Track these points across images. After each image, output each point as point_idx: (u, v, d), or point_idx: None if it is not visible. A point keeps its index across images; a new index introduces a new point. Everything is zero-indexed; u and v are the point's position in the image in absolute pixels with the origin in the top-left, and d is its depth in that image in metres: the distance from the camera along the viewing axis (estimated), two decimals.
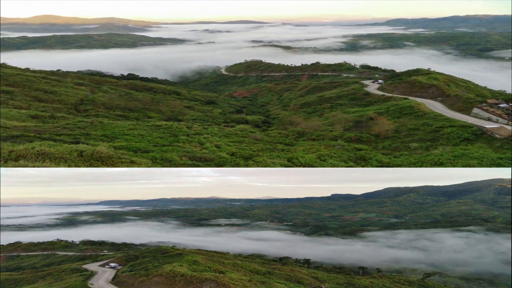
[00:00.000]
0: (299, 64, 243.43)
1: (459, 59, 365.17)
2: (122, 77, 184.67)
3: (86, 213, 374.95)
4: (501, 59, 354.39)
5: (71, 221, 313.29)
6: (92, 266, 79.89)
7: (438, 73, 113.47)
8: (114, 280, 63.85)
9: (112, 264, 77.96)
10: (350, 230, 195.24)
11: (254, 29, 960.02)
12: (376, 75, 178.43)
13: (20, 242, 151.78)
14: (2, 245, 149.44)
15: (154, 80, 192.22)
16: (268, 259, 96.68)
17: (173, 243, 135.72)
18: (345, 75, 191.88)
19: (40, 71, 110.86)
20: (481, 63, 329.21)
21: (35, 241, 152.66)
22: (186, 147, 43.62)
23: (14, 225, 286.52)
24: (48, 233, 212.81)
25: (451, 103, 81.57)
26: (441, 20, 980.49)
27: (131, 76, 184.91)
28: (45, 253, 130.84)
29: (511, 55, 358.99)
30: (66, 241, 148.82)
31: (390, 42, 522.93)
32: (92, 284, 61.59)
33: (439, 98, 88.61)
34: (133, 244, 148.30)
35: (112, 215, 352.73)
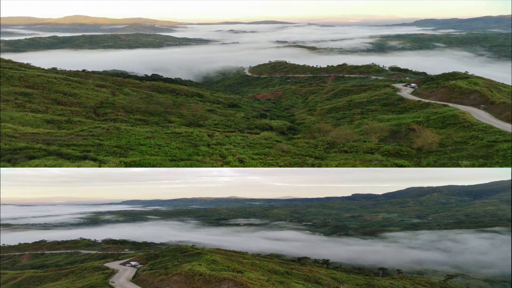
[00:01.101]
0: (325, 66, 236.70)
1: (492, 61, 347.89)
2: (145, 77, 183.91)
3: (109, 212, 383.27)
4: None
5: (94, 220, 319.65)
6: (113, 265, 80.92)
7: (477, 77, 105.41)
8: (134, 279, 64.60)
9: (133, 263, 78.85)
10: (370, 231, 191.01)
11: (279, 29, 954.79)
12: (407, 78, 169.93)
13: (45, 241, 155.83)
14: (27, 243, 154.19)
15: (177, 80, 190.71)
16: (287, 259, 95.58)
17: (192, 243, 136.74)
18: (373, 77, 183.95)
19: (63, 72, 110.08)
20: None
21: (59, 239, 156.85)
22: (206, 161, 39.80)
23: (40, 224, 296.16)
24: (72, 232, 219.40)
25: (498, 112, 74.05)
26: (472, 20, 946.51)
27: (154, 77, 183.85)
28: (68, 251, 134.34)
29: None
30: (89, 240, 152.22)
31: (419, 43, 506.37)
32: (113, 282, 62.15)
33: (482, 106, 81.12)
34: (154, 243, 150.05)
35: (134, 214, 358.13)
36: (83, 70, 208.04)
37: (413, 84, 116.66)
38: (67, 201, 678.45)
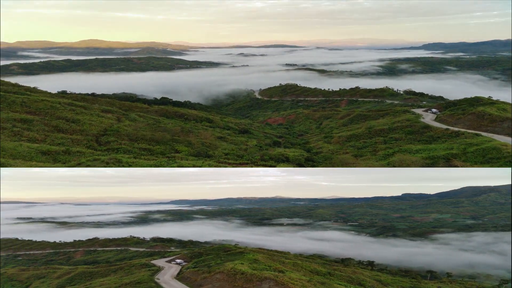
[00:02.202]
0: (337, 89, 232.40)
1: (508, 84, 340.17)
2: (154, 101, 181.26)
3: (158, 211, 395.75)
4: None
5: (144, 219, 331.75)
6: (159, 262, 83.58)
7: (504, 102, 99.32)
8: (178, 276, 66.44)
9: (178, 260, 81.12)
10: (420, 232, 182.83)
11: (288, 52, 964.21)
12: (424, 102, 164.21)
13: (98, 238, 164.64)
14: (82, 240, 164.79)
15: (186, 104, 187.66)
16: (330, 259, 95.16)
17: (235, 242, 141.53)
18: (388, 101, 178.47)
19: (70, 96, 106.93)
20: None
21: (111, 237, 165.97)
22: None
23: (93, 222, 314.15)
24: (122, 230, 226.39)
25: None
26: (481, 44, 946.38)
27: (164, 100, 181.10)
28: (118, 248, 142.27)
29: None
30: (138, 238, 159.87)
31: (429, 66, 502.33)
32: (158, 279, 64.11)
33: None
34: (199, 241, 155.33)
35: (181, 214, 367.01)
36: (92, 93, 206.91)
37: (434, 110, 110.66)
38: (120, 201, 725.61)
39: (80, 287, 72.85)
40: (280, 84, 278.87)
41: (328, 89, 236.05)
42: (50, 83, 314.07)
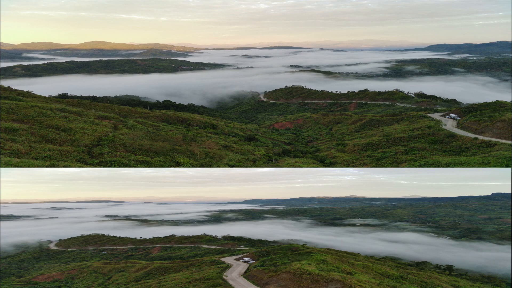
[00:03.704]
0: (344, 91, 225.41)
1: None
2: (157, 104, 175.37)
3: (231, 211, 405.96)
4: None
5: (217, 218, 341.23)
6: (229, 259, 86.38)
7: None
8: (245, 274, 67.37)
9: (246, 259, 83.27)
10: (509, 235, 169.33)
11: (292, 54, 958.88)
12: (438, 106, 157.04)
13: (174, 235, 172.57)
14: (159, 237, 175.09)
15: (189, 107, 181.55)
16: (403, 262, 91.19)
17: (304, 242, 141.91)
18: (399, 104, 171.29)
19: (64, 101, 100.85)
20: None
21: (186, 234, 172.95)
22: None
23: (171, 220, 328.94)
24: (197, 228, 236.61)
25: None
26: (487, 45, 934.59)
27: (166, 103, 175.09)
28: (192, 245, 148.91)
29: None
30: (211, 236, 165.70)
31: (436, 67, 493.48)
32: (226, 276, 65.79)
33: None
34: (267, 240, 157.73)
35: (253, 213, 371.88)
36: (93, 96, 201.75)
37: (453, 115, 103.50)
38: (197, 200, 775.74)
39: (154, 281, 75.47)
40: (286, 86, 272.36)
41: (336, 91, 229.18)
42: (51, 85, 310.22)
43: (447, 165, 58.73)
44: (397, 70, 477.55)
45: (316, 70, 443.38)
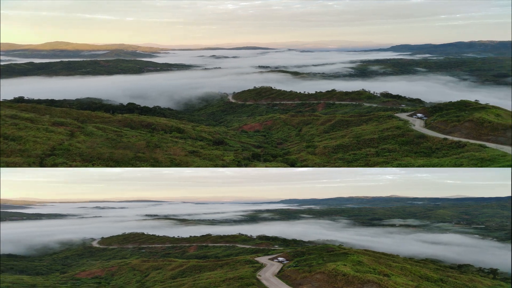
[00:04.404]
0: (312, 91, 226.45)
1: (478, 85, 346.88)
2: (120, 107, 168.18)
3: (267, 210, 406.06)
4: None
5: (253, 217, 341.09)
6: (263, 259, 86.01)
7: (494, 107, 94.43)
8: (279, 274, 67.27)
9: (280, 259, 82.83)
10: None
11: (260, 54, 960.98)
12: (403, 106, 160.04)
13: (210, 235, 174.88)
14: (196, 236, 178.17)
15: (155, 110, 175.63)
16: (444, 265, 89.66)
17: (340, 242, 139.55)
18: (366, 104, 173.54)
19: (17, 106, 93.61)
20: (503, 90, 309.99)
21: (222, 234, 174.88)
22: None
23: (208, 219, 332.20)
24: (233, 228, 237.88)
25: None
26: (446, 46, 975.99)
27: (130, 106, 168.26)
28: (227, 245, 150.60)
29: None
30: (246, 235, 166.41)
31: (399, 67, 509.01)
32: (260, 276, 65.86)
33: None
34: (302, 240, 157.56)
35: (289, 213, 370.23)
36: (51, 100, 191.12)
37: (419, 115, 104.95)
38: (234, 200, 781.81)
39: (189, 280, 76.19)
40: (255, 87, 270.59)
41: (304, 92, 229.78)
42: (8, 88, 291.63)
43: (420, 166, 58.19)
44: (362, 70, 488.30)
45: (284, 71, 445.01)
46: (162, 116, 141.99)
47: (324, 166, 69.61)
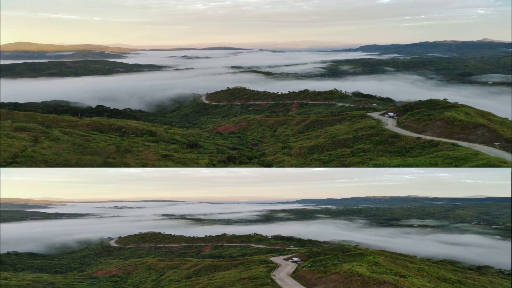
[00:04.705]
0: (286, 92, 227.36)
1: (444, 84, 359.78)
2: (89, 109, 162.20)
3: (283, 210, 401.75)
4: (485, 84, 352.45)
5: (268, 217, 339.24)
6: (277, 259, 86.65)
7: (462, 105, 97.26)
8: (294, 274, 67.37)
9: (295, 259, 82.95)
10: None
11: (233, 55, 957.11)
12: (374, 105, 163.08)
13: (225, 235, 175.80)
14: (212, 236, 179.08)
15: (125, 112, 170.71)
16: (463, 266, 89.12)
17: (356, 242, 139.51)
18: (339, 104, 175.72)
19: None
20: (468, 89, 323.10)
21: (237, 234, 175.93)
22: None
23: (224, 219, 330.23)
24: (248, 228, 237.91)
25: None
26: (412, 46, 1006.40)
27: (99, 109, 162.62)
28: (242, 244, 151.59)
29: (494, 80, 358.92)
30: (261, 235, 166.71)
31: (368, 67, 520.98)
32: (274, 276, 65.90)
33: (496, 144, 70.76)
34: (317, 241, 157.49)
35: (305, 213, 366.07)
36: (15, 103, 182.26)
37: (391, 114, 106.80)
38: (249, 200, 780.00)
39: (204, 279, 76.52)
40: (228, 87, 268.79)
41: (278, 92, 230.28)
42: None
43: (395, 166, 58.61)
44: (333, 70, 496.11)
45: (257, 71, 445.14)
46: (133, 119, 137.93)
47: (300, 166, 69.07)
